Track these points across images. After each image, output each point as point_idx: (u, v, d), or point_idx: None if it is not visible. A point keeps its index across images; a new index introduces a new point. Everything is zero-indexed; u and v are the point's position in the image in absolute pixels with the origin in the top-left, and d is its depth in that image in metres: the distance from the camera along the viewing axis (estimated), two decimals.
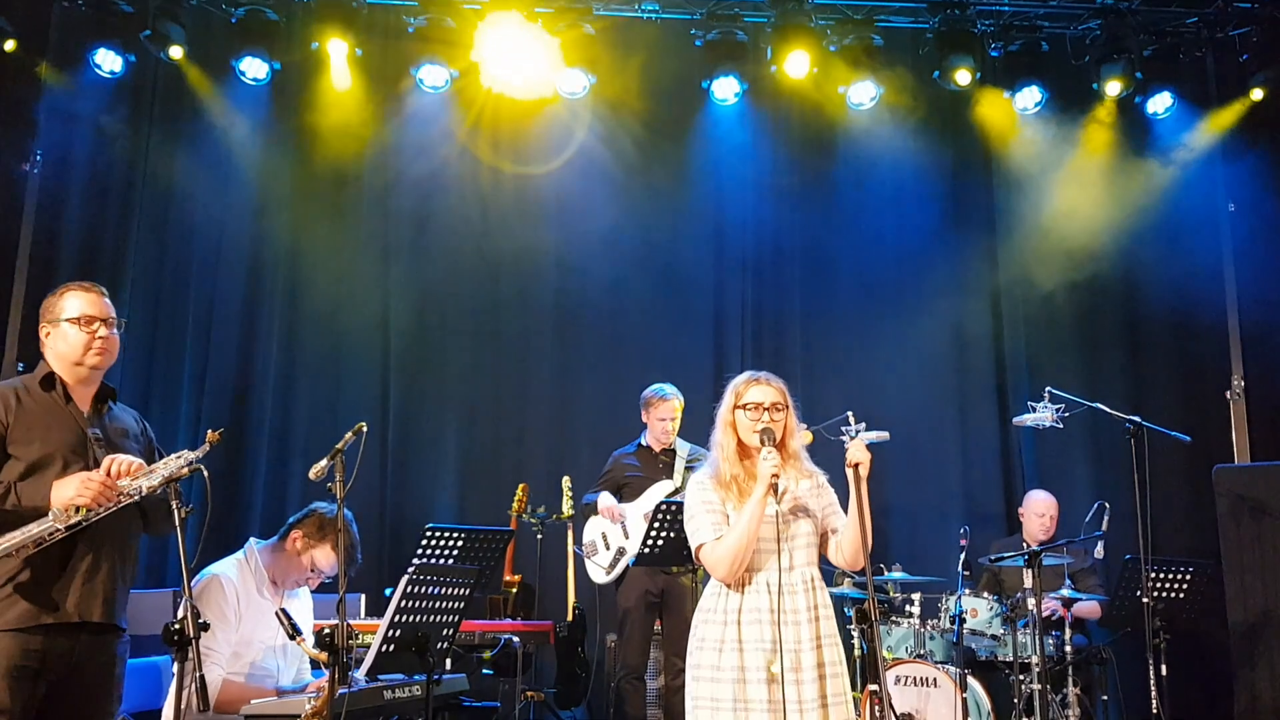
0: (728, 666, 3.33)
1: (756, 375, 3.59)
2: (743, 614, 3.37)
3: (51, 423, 3.35)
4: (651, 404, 6.20)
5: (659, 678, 6.27)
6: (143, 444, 3.59)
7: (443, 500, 7.31)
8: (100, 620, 3.29)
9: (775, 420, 3.49)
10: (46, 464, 3.28)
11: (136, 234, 7.33)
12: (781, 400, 3.53)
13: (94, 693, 3.32)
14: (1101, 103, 7.59)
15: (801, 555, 3.44)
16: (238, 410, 7.26)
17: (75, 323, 3.40)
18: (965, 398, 7.71)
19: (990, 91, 7.78)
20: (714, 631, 3.39)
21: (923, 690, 5.65)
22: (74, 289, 3.49)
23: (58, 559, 3.21)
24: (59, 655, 3.21)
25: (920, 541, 7.34)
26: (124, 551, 3.40)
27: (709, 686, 3.35)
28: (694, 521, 3.50)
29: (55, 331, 3.43)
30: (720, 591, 3.44)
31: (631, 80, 7.71)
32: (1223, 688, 6.16)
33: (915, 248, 7.73)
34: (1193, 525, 7.10)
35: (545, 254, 7.67)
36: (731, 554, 3.37)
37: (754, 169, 7.81)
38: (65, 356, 3.42)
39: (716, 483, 3.52)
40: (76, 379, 3.44)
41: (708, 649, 3.39)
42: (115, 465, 3.22)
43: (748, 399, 3.52)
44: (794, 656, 3.32)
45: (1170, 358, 7.69)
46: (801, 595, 3.39)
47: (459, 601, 3.90)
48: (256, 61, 7.23)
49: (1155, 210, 7.58)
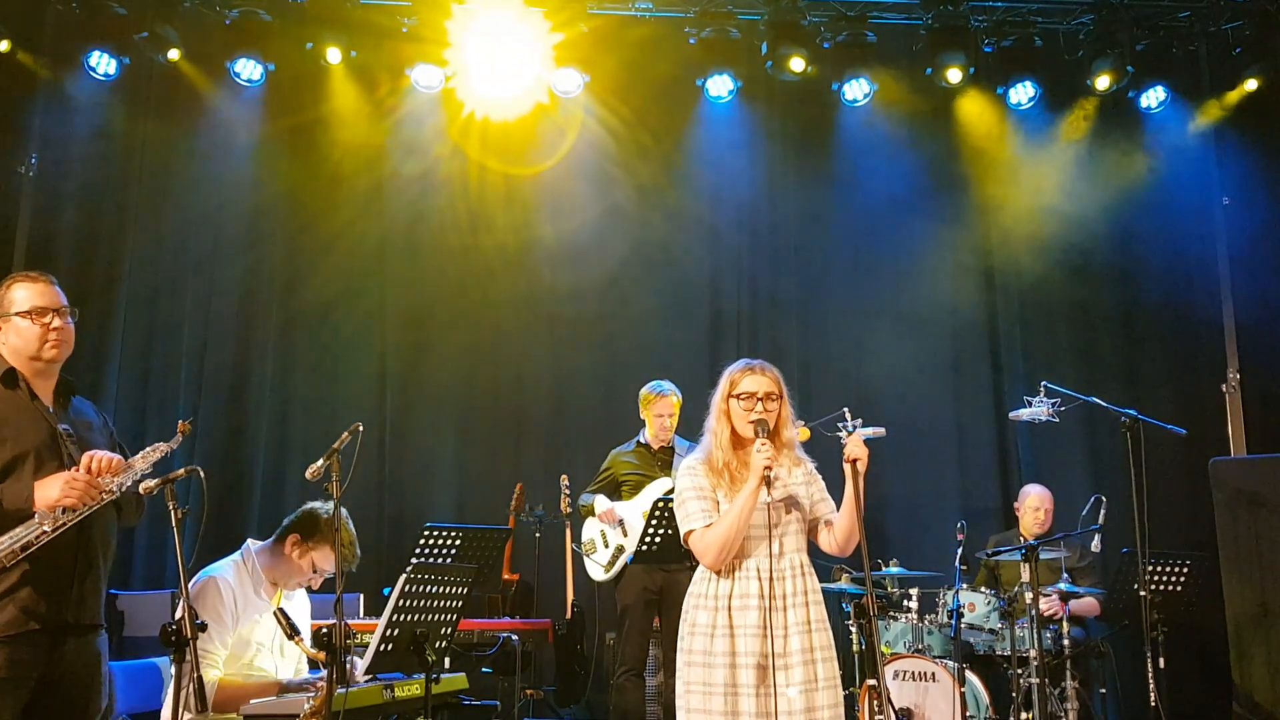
0: (719, 652, 3.34)
1: (751, 364, 3.58)
2: (733, 600, 3.38)
3: (21, 421, 3.22)
4: (649, 401, 6.19)
5: (658, 675, 6.27)
6: (106, 436, 3.49)
7: (440, 499, 7.31)
8: (90, 622, 3.27)
9: (769, 410, 3.48)
10: (21, 464, 3.17)
11: (132, 236, 7.33)
12: (776, 390, 3.52)
13: (81, 691, 3.27)
14: (1094, 97, 7.60)
15: (791, 541, 3.45)
16: (234, 411, 7.27)
17: (26, 315, 3.27)
18: (961, 393, 7.72)
19: (984, 87, 7.81)
20: (705, 617, 3.40)
21: (921, 685, 5.66)
22: (21, 280, 3.34)
23: (46, 561, 3.13)
24: (48, 658, 3.16)
25: (918, 536, 7.35)
26: (107, 550, 3.35)
27: (701, 671, 3.36)
28: (684, 507, 3.50)
29: (6, 326, 3.28)
30: (709, 577, 3.45)
31: (625, 78, 7.73)
32: (1220, 680, 6.17)
33: (910, 244, 7.74)
34: (1189, 518, 7.11)
35: (541, 252, 7.67)
36: (721, 542, 3.37)
37: (748, 166, 7.82)
38: (21, 351, 3.28)
39: (708, 468, 3.51)
40: (34, 373, 3.30)
41: (699, 634, 3.40)
42: (95, 463, 3.13)
43: (742, 388, 3.52)
44: (782, 641, 3.33)
45: (1166, 351, 7.70)
46: (790, 580, 3.40)
47: (457, 600, 3.90)
48: (251, 63, 7.23)
49: (1150, 204, 7.60)
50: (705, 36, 7.45)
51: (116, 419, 6.97)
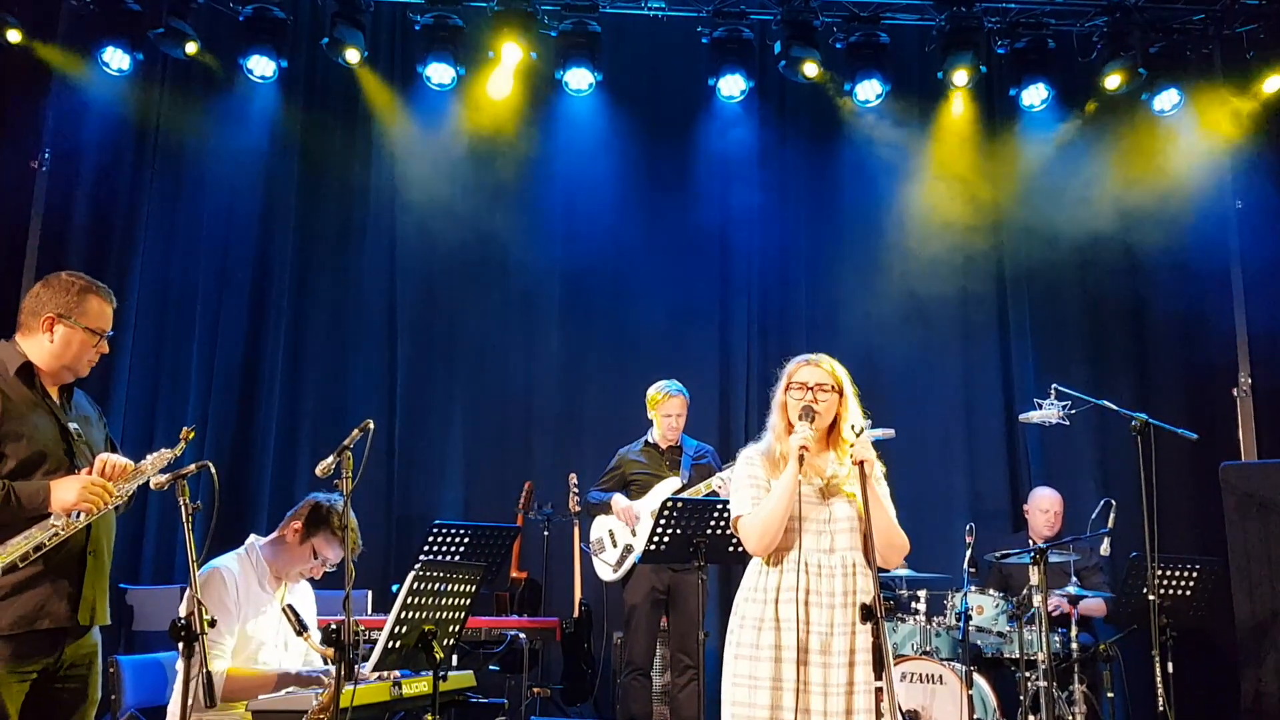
0: (765, 645, 3.35)
1: (809, 357, 3.63)
2: (780, 592, 3.39)
3: (36, 418, 3.22)
4: (657, 401, 6.20)
5: (664, 674, 6.28)
6: (102, 430, 3.51)
7: (449, 497, 7.33)
8: (100, 623, 3.29)
9: (821, 400, 3.49)
10: (37, 462, 3.17)
11: (145, 231, 7.35)
12: (830, 382, 3.54)
13: (78, 683, 3.29)
14: (1107, 100, 7.57)
15: (844, 539, 3.44)
16: (245, 408, 7.29)
17: (91, 332, 3.29)
18: (971, 395, 7.70)
19: (997, 89, 7.80)
20: (754, 610, 3.41)
21: (928, 687, 5.65)
22: (99, 294, 3.34)
23: (56, 561, 3.13)
24: (51, 653, 3.18)
25: (926, 538, 7.28)
26: (110, 547, 3.38)
27: (748, 664, 3.36)
28: (737, 494, 3.53)
29: (66, 329, 3.26)
30: (760, 569, 3.47)
31: (637, 77, 7.73)
32: (1229, 685, 6.15)
33: (921, 245, 7.71)
34: (1199, 523, 7.09)
35: (551, 250, 7.68)
36: (761, 525, 3.39)
37: (760, 166, 7.81)
38: (59, 357, 3.27)
39: (766, 459, 3.54)
40: (52, 375, 3.31)
41: (748, 627, 3.41)
42: (110, 468, 3.14)
43: (797, 379, 3.55)
44: (823, 639, 3.33)
45: (1177, 355, 7.67)
46: (840, 579, 3.39)
47: (465, 598, 3.91)
48: (264, 59, 7.24)
49: (1162, 208, 7.56)
50: (718, 36, 7.42)
51: (127, 415, 7.04)
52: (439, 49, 7.26)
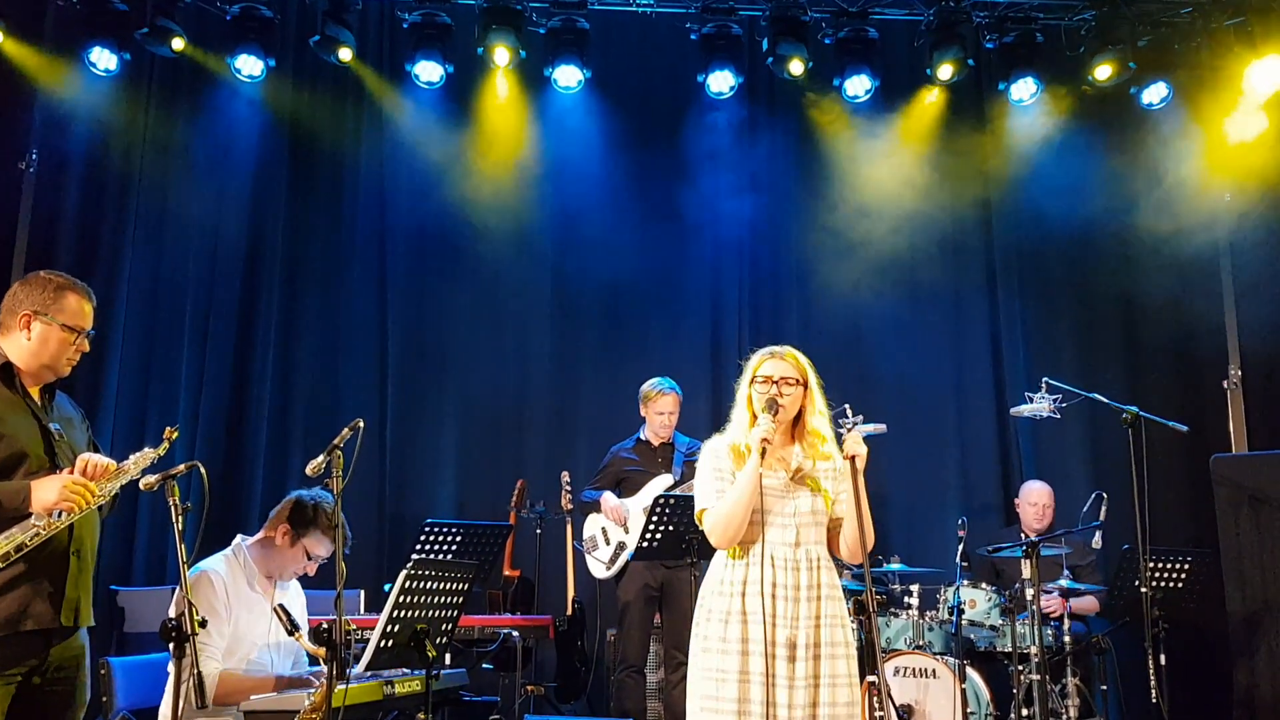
0: (733, 638, 3.34)
1: (773, 350, 3.60)
2: (746, 585, 3.38)
3: (16, 418, 3.19)
4: (650, 398, 6.20)
5: (658, 671, 6.28)
6: (84, 431, 3.48)
7: (441, 496, 7.32)
8: (85, 625, 3.27)
9: (785, 394, 3.48)
10: (18, 463, 3.14)
11: (133, 232, 7.32)
12: (795, 375, 3.52)
13: (65, 685, 3.27)
14: (1096, 94, 7.58)
15: (810, 533, 3.44)
16: (235, 407, 7.27)
17: (67, 329, 3.26)
18: (962, 389, 7.72)
19: (986, 83, 7.80)
20: (720, 603, 3.40)
21: (922, 681, 5.66)
22: (77, 291, 3.31)
23: (39, 562, 3.10)
24: (37, 655, 3.16)
25: (918, 533, 7.35)
26: (95, 547, 3.35)
27: (716, 658, 3.35)
28: (701, 486, 3.52)
29: (43, 326, 3.24)
30: (726, 563, 3.45)
31: (627, 74, 7.72)
32: (1221, 676, 6.17)
33: (912, 240, 7.73)
34: (1190, 515, 7.11)
35: (542, 247, 7.67)
36: (725, 518, 3.38)
37: (749, 162, 7.80)
38: (38, 356, 3.24)
39: (731, 451, 3.52)
40: (33, 374, 3.28)
41: (714, 620, 3.40)
42: (91, 467, 3.10)
43: (761, 373, 3.53)
44: (789, 632, 3.32)
45: (1167, 347, 7.69)
46: (805, 572, 3.39)
47: (458, 596, 3.90)
48: (252, 58, 7.21)
49: (1152, 201, 7.58)
50: (706, 32, 7.41)
51: (116, 416, 7.02)
52: (427, 47, 7.24)
